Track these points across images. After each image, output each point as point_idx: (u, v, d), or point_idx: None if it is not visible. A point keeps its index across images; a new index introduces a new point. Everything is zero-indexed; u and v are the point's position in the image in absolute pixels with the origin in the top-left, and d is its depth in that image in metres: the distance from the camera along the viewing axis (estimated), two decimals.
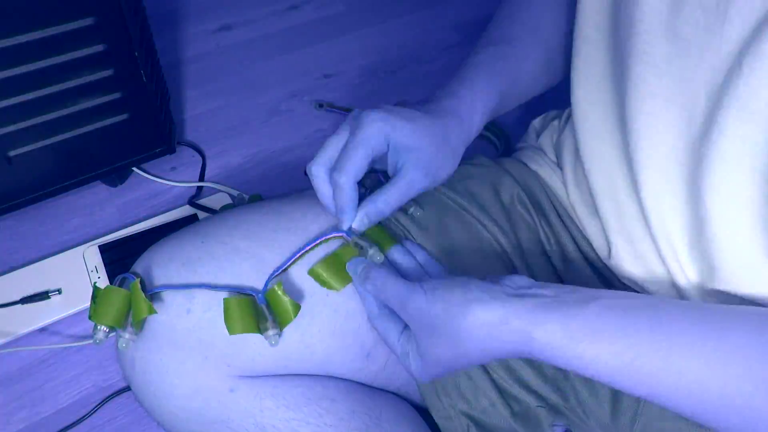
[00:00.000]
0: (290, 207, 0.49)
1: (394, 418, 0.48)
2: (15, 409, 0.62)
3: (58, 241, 0.74)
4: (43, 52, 0.56)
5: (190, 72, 0.97)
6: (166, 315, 0.43)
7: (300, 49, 1.02)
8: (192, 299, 0.43)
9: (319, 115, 0.92)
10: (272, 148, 0.87)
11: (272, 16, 1.07)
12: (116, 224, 0.76)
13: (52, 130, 0.62)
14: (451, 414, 0.47)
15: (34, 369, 0.65)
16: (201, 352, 0.43)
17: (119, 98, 0.64)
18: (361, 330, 0.46)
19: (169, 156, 0.75)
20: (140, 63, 0.62)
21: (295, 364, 0.45)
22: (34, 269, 0.70)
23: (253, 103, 0.93)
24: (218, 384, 0.43)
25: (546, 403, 0.48)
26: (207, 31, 1.03)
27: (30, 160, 0.62)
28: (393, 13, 1.09)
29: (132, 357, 0.44)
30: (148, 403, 0.45)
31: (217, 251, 0.45)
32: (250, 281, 0.44)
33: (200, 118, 0.90)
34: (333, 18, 1.08)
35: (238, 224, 0.47)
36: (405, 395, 0.51)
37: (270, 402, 0.44)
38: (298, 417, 0.44)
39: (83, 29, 0.56)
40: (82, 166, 0.68)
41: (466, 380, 0.47)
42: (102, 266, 0.70)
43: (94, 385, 0.65)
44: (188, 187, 0.81)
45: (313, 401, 0.45)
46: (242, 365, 0.44)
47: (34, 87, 0.58)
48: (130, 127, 0.67)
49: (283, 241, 0.46)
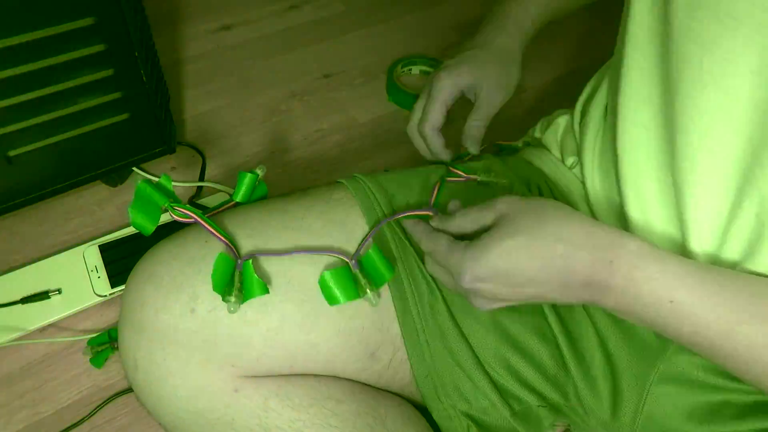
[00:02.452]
0: (294, 205, 0.49)
1: (398, 419, 0.48)
2: (15, 408, 0.62)
3: (58, 241, 0.74)
4: (43, 52, 0.56)
5: (190, 72, 0.97)
6: (169, 315, 0.43)
7: (300, 49, 1.02)
8: (196, 299, 0.43)
9: (319, 114, 0.92)
10: (272, 148, 0.87)
11: (272, 16, 1.07)
12: (116, 224, 0.76)
13: (52, 130, 0.62)
14: (451, 414, 0.47)
15: (34, 368, 0.65)
16: (205, 352, 0.43)
17: (119, 98, 0.64)
18: (366, 329, 0.46)
19: (169, 156, 0.75)
20: (140, 63, 0.62)
21: (300, 363, 0.45)
22: (34, 269, 0.70)
23: (253, 103, 0.93)
24: (222, 384, 0.43)
25: (546, 403, 0.48)
26: (207, 31, 1.03)
27: (30, 160, 0.62)
28: (393, 13, 1.09)
29: (134, 357, 0.44)
30: (151, 404, 0.44)
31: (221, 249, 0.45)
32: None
33: (200, 118, 0.90)
34: (333, 18, 1.08)
35: (242, 222, 0.47)
36: (407, 396, 0.51)
37: (275, 402, 0.44)
38: (303, 418, 0.44)
39: (83, 29, 0.56)
40: (82, 166, 0.68)
41: (466, 380, 0.47)
42: (102, 266, 0.70)
43: (95, 385, 0.64)
44: (188, 187, 0.81)
45: (318, 402, 0.45)
46: (247, 365, 0.44)
47: (34, 87, 0.58)
48: (130, 127, 0.67)
49: (287, 239, 0.46)
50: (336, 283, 0.43)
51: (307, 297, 0.45)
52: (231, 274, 0.43)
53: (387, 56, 1.01)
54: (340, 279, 0.43)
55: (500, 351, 0.47)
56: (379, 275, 0.45)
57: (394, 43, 1.04)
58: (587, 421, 0.48)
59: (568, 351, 0.47)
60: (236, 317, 0.43)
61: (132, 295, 0.44)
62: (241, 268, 0.43)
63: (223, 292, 0.42)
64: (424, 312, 0.47)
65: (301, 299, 0.44)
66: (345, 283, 0.44)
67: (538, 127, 0.63)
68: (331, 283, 0.43)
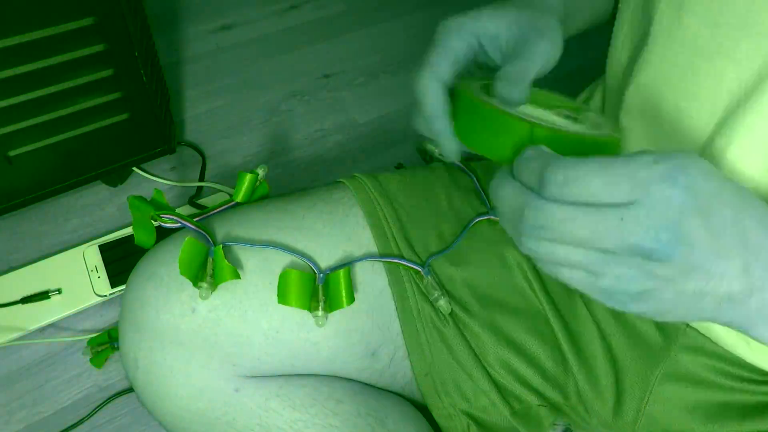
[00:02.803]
0: (294, 205, 0.49)
1: (398, 418, 0.48)
2: (15, 408, 0.62)
3: (58, 241, 0.74)
4: (44, 52, 0.56)
5: (190, 72, 0.97)
6: (170, 315, 0.43)
7: (300, 49, 1.02)
8: (196, 299, 0.43)
9: (320, 114, 0.92)
10: (272, 148, 0.87)
11: (272, 16, 1.07)
12: (116, 224, 0.76)
13: (53, 130, 0.62)
14: (451, 413, 0.47)
15: (34, 368, 0.65)
16: (206, 351, 0.43)
17: (119, 98, 0.64)
18: (367, 328, 0.46)
19: (169, 156, 0.75)
20: (140, 63, 0.62)
21: (301, 362, 0.45)
22: (34, 269, 0.70)
23: (253, 103, 0.93)
24: (223, 384, 0.43)
25: (547, 402, 0.48)
26: (207, 31, 1.03)
27: (30, 160, 0.62)
28: (393, 13, 1.09)
29: (135, 357, 0.44)
30: (151, 404, 0.44)
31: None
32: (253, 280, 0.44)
33: (200, 118, 0.90)
34: (333, 18, 1.08)
35: (242, 222, 0.47)
36: (408, 395, 0.51)
37: (275, 403, 0.44)
38: (303, 418, 0.44)
39: (83, 29, 0.56)
40: (82, 166, 0.68)
41: (466, 378, 0.47)
42: (102, 266, 0.70)
43: (95, 385, 0.65)
44: (188, 187, 0.81)
45: (318, 402, 0.45)
46: (248, 365, 0.44)
47: (35, 87, 0.58)
48: (130, 127, 0.67)
49: (287, 238, 0.46)
50: (295, 285, 0.42)
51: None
52: (202, 262, 0.42)
53: (387, 56, 1.01)
54: (301, 283, 0.43)
55: (499, 351, 0.48)
56: (338, 299, 0.43)
57: (394, 43, 1.04)
58: (588, 420, 0.48)
59: (570, 350, 0.47)
60: (237, 317, 0.43)
61: (132, 295, 0.44)
62: (213, 255, 0.42)
63: (193, 279, 0.41)
64: (424, 310, 0.47)
65: None
66: (304, 289, 0.43)
67: None
68: (291, 283, 0.42)
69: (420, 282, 0.47)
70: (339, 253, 0.46)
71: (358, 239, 0.47)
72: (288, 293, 0.42)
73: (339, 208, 0.49)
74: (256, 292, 0.44)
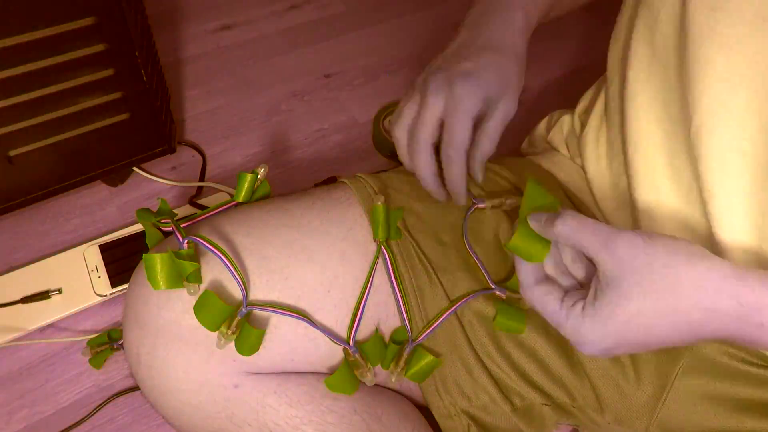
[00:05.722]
0: (294, 204, 0.49)
1: (394, 415, 0.48)
2: (16, 408, 0.62)
3: (58, 240, 0.74)
4: (43, 52, 0.56)
5: (190, 72, 0.97)
6: (171, 311, 0.43)
7: (300, 49, 1.02)
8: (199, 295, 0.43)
9: (320, 114, 0.92)
10: (272, 148, 0.87)
11: (272, 16, 1.07)
12: (116, 224, 0.76)
13: (53, 129, 0.62)
14: (451, 412, 0.47)
15: (34, 368, 0.65)
16: (207, 347, 0.43)
17: (120, 98, 0.64)
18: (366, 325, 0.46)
19: (169, 156, 0.75)
20: (140, 63, 0.62)
21: (301, 358, 0.45)
22: (34, 269, 0.70)
23: (253, 103, 0.93)
24: (223, 379, 0.44)
25: (551, 402, 0.48)
26: (207, 31, 1.03)
27: (30, 159, 0.62)
28: (393, 13, 1.09)
29: (137, 353, 0.44)
30: (153, 398, 0.45)
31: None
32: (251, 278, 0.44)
33: (200, 118, 0.90)
34: (333, 18, 1.08)
35: (242, 221, 0.47)
36: (407, 394, 0.51)
37: (273, 399, 0.44)
38: (300, 415, 0.44)
39: (83, 29, 0.56)
40: (82, 166, 0.68)
41: (466, 376, 0.47)
42: (102, 266, 0.70)
43: (95, 385, 0.64)
44: (188, 187, 0.81)
45: (316, 399, 0.45)
46: (248, 360, 0.44)
47: (35, 87, 0.58)
48: (131, 126, 0.67)
49: (287, 237, 0.46)
50: (339, 382, 0.44)
51: (304, 293, 0.45)
52: (223, 311, 0.42)
53: (387, 56, 1.01)
54: (342, 377, 0.44)
55: (502, 345, 0.47)
56: (377, 356, 0.46)
57: (394, 43, 1.03)
58: (598, 420, 0.48)
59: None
60: None
61: (135, 292, 0.45)
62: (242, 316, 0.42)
63: (216, 328, 0.42)
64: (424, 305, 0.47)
65: (298, 296, 0.45)
66: (345, 378, 0.44)
67: (543, 127, 0.63)
68: (337, 385, 0.44)
69: (418, 278, 0.47)
70: (337, 252, 0.46)
71: (357, 239, 0.47)
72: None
73: (338, 206, 0.49)
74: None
